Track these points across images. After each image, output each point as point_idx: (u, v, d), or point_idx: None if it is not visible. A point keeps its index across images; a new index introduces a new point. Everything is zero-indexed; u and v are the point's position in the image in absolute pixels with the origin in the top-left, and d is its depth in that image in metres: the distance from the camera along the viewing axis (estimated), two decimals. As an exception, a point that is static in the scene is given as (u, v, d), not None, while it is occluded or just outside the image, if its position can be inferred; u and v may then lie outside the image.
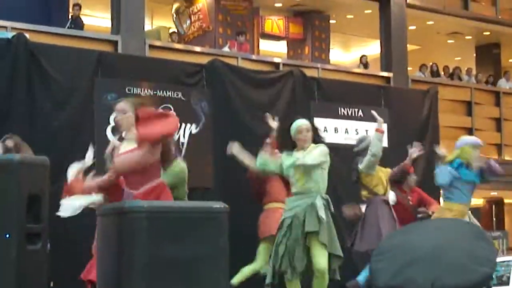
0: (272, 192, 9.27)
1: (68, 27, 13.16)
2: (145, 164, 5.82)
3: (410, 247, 1.97)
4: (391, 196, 9.54)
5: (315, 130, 7.43)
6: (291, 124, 7.39)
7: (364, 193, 9.23)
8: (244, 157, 7.82)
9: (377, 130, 8.83)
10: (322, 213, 7.08)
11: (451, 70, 19.31)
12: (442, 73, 19.02)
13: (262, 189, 9.34)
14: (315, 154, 7.19)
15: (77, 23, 13.78)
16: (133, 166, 5.86)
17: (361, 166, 9.08)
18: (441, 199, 10.19)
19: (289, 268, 7.10)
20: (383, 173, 9.30)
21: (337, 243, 7.12)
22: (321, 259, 7.00)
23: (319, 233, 7.03)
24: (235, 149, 7.83)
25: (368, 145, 9.04)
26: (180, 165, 7.72)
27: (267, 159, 7.41)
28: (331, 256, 7.06)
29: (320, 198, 7.20)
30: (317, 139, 7.39)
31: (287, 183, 8.43)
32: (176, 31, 17.97)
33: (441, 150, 9.40)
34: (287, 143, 7.37)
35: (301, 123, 7.37)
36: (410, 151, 9.67)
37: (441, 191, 9.53)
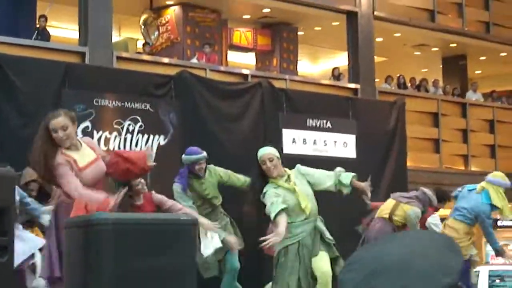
0: None
1: (34, 39, 13.11)
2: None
3: (378, 257, 2.00)
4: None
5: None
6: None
7: None
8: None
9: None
10: (328, 235, 7.34)
11: (417, 82, 19.45)
12: (409, 84, 19.14)
13: None
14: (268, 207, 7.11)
15: (44, 35, 13.73)
16: (101, 176, 5.89)
17: None
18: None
19: None
20: None
21: None
22: (324, 262, 7.16)
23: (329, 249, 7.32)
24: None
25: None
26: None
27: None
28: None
29: (319, 220, 7.40)
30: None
31: None
32: (144, 40, 17.96)
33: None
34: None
35: (262, 153, 7.34)
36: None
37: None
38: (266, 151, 7.34)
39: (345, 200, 8.58)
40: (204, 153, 8.77)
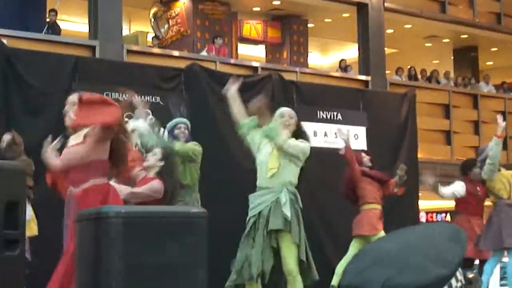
0: (366, 193, 9.68)
1: (45, 33, 13.12)
2: (87, 160, 5.54)
3: (378, 250, 2.00)
4: (458, 188, 9.95)
5: (303, 133, 7.34)
6: None
7: (491, 198, 9.82)
8: (236, 104, 7.57)
9: (496, 136, 9.59)
10: (287, 211, 6.80)
11: (428, 73, 19.39)
12: (420, 76, 19.09)
13: (356, 190, 9.74)
14: (299, 145, 7.03)
15: (54, 29, 13.74)
16: (76, 161, 5.58)
17: (482, 174, 9.66)
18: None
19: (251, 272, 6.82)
20: (505, 177, 9.73)
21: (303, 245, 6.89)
22: (289, 259, 6.76)
23: (290, 232, 6.79)
24: (231, 92, 7.61)
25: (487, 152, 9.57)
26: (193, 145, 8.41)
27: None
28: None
29: (286, 193, 6.90)
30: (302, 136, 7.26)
31: (381, 184, 9.62)
32: (154, 35, 17.95)
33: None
34: None
35: (285, 109, 7.32)
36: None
37: None
38: (289, 109, 7.40)
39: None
40: (184, 120, 8.89)
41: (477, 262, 9.91)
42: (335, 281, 9.47)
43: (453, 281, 1.95)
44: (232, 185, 10.10)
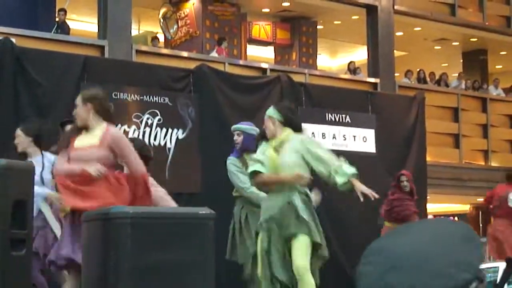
0: None
1: (54, 32, 13.12)
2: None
3: (393, 250, 1.97)
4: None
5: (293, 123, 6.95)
6: None
7: None
8: None
9: None
10: (303, 214, 6.52)
11: (437, 77, 19.35)
12: (428, 79, 19.05)
13: None
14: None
15: (63, 28, 13.75)
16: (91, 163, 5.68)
17: None
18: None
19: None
20: None
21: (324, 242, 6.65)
22: (297, 255, 6.42)
23: (308, 233, 6.47)
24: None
25: None
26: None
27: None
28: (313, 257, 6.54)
29: (297, 194, 6.62)
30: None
31: None
32: (163, 35, 17.96)
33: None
34: None
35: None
36: None
37: None
38: (267, 112, 6.92)
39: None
40: (236, 126, 8.28)
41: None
42: None
43: (473, 284, 1.93)
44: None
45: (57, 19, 14.08)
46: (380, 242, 2.21)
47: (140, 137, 10.16)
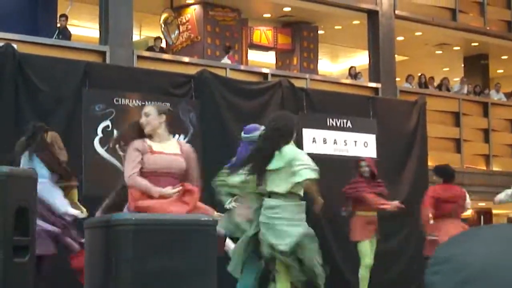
0: None
1: (55, 38, 13.13)
2: None
3: (464, 260, 1.93)
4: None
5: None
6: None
7: None
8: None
9: None
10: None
11: (437, 81, 19.36)
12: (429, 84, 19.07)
13: None
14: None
15: (64, 34, 13.76)
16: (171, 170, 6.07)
17: None
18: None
19: None
20: None
21: None
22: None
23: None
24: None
25: None
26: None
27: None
28: None
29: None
30: None
31: None
32: (164, 41, 17.96)
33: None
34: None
35: None
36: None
37: None
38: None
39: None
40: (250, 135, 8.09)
41: None
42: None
43: None
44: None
45: (58, 25, 14.09)
46: (446, 250, 2.13)
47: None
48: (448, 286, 2.02)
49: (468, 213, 20.77)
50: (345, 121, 12.33)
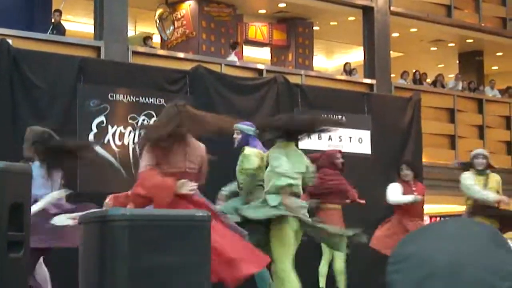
0: None
1: (49, 33, 13.11)
2: None
3: (425, 258, 1.93)
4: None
5: None
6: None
7: None
8: None
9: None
10: None
11: (431, 78, 19.39)
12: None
13: None
14: None
15: (58, 29, 13.74)
16: None
17: None
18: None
19: None
20: None
21: None
22: None
23: None
24: None
25: None
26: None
27: None
28: None
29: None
30: None
31: None
32: (159, 36, 17.96)
33: None
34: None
35: None
36: None
37: None
38: None
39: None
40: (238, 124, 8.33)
41: None
42: (322, 282, 9.58)
43: None
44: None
45: (52, 20, 14.06)
46: (404, 247, 2.13)
47: (136, 139, 10.16)
48: (410, 283, 2.01)
49: (462, 209, 20.80)
50: (340, 117, 12.33)
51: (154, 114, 10.31)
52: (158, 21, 18.14)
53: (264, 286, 8.21)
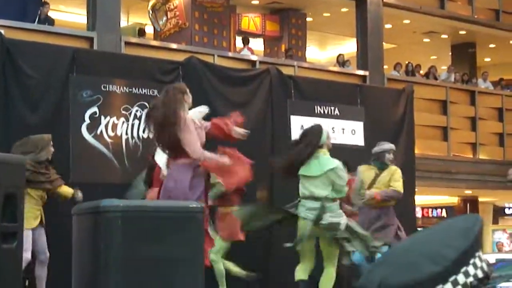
0: None
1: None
2: None
3: (392, 248, 2.00)
4: None
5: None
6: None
7: None
8: None
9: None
10: None
11: (424, 69, 19.39)
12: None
13: None
14: None
15: (48, 22, 13.65)
16: None
17: None
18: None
19: None
20: None
21: None
22: None
23: None
24: None
25: None
26: None
27: None
28: None
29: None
30: None
31: None
32: (152, 27, 17.92)
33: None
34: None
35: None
36: None
37: None
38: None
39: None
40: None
41: None
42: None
43: (460, 276, 1.88)
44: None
45: (39, 12, 13.90)
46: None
47: (129, 129, 10.16)
48: (370, 267, 2.12)
49: (455, 201, 20.86)
50: (332, 108, 12.36)
51: (147, 105, 10.30)
52: (151, 12, 18.11)
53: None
